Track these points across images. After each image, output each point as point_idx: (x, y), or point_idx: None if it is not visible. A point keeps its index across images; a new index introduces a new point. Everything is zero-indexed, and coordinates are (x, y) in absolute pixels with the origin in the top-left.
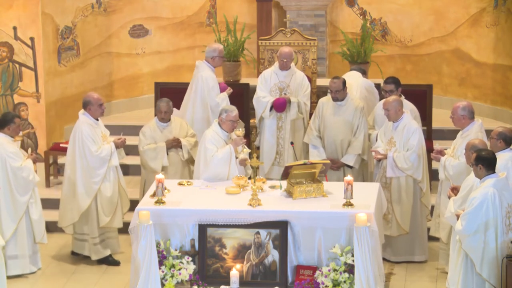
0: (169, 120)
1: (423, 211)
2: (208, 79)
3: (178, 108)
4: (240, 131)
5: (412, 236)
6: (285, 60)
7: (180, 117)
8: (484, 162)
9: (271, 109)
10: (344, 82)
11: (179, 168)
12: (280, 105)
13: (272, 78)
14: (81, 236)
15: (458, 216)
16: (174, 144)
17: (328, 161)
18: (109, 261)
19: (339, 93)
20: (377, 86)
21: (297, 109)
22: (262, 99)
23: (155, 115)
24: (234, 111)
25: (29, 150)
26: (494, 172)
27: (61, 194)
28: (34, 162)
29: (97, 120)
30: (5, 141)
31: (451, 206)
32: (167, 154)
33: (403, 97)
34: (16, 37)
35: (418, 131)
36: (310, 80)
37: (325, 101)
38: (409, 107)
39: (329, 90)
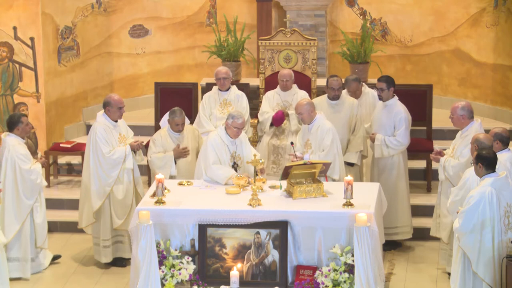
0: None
1: None
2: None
3: (189, 115)
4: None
5: None
6: (285, 80)
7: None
8: (483, 161)
9: (271, 125)
10: (341, 80)
11: (190, 177)
12: (277, 120)
13: (274, 98)
14: (96, 239)
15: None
16: (183, 154)
17: (328, 161)
18: (117, 263)
19: (340, 90)
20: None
21: (297, 120)
22: (265, 115)
23: (170, 125)
24: (240, 119)
25: (39, 154)
26: (494, 171)
27: (80, 195)
28: (43, 166)
29: (116, 121)
30: (16, 143)
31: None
32: (175, 163)
33: (396, 98)
34: (16, 37)
35: (331, 131)
36: (310, 80)
37: (319, 101)
38: (396, 108)
39: (330, 88)
